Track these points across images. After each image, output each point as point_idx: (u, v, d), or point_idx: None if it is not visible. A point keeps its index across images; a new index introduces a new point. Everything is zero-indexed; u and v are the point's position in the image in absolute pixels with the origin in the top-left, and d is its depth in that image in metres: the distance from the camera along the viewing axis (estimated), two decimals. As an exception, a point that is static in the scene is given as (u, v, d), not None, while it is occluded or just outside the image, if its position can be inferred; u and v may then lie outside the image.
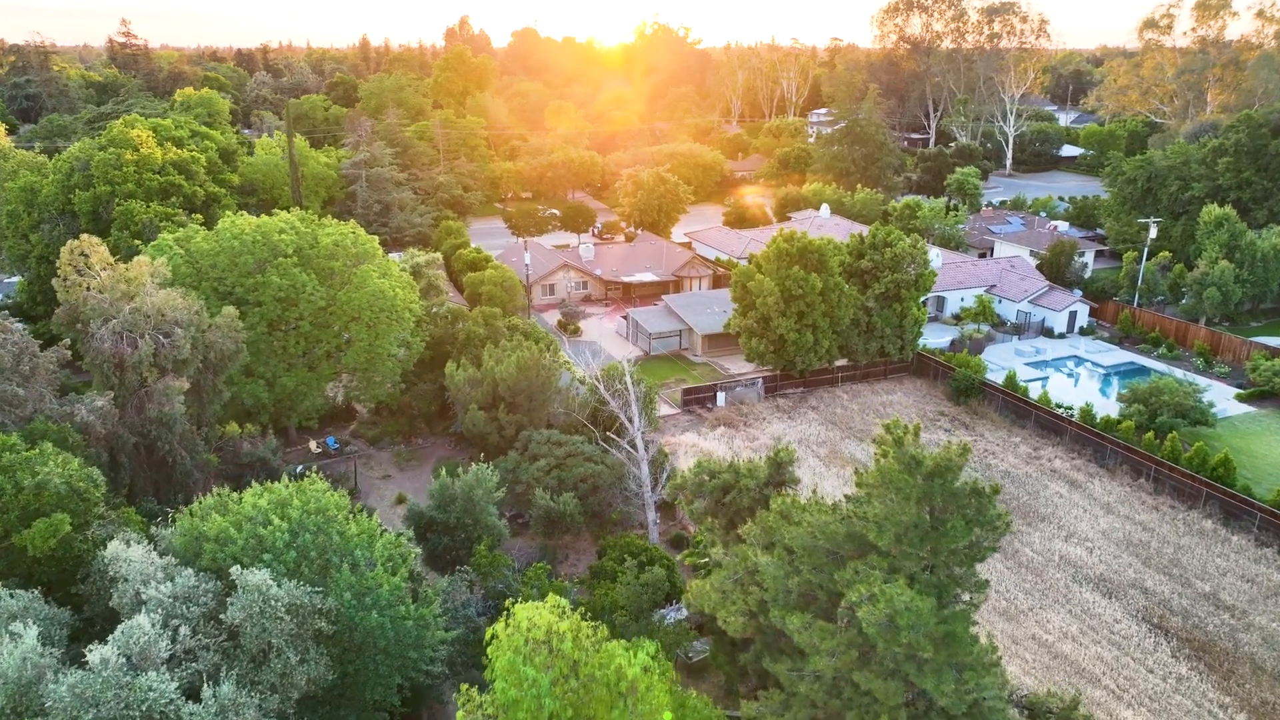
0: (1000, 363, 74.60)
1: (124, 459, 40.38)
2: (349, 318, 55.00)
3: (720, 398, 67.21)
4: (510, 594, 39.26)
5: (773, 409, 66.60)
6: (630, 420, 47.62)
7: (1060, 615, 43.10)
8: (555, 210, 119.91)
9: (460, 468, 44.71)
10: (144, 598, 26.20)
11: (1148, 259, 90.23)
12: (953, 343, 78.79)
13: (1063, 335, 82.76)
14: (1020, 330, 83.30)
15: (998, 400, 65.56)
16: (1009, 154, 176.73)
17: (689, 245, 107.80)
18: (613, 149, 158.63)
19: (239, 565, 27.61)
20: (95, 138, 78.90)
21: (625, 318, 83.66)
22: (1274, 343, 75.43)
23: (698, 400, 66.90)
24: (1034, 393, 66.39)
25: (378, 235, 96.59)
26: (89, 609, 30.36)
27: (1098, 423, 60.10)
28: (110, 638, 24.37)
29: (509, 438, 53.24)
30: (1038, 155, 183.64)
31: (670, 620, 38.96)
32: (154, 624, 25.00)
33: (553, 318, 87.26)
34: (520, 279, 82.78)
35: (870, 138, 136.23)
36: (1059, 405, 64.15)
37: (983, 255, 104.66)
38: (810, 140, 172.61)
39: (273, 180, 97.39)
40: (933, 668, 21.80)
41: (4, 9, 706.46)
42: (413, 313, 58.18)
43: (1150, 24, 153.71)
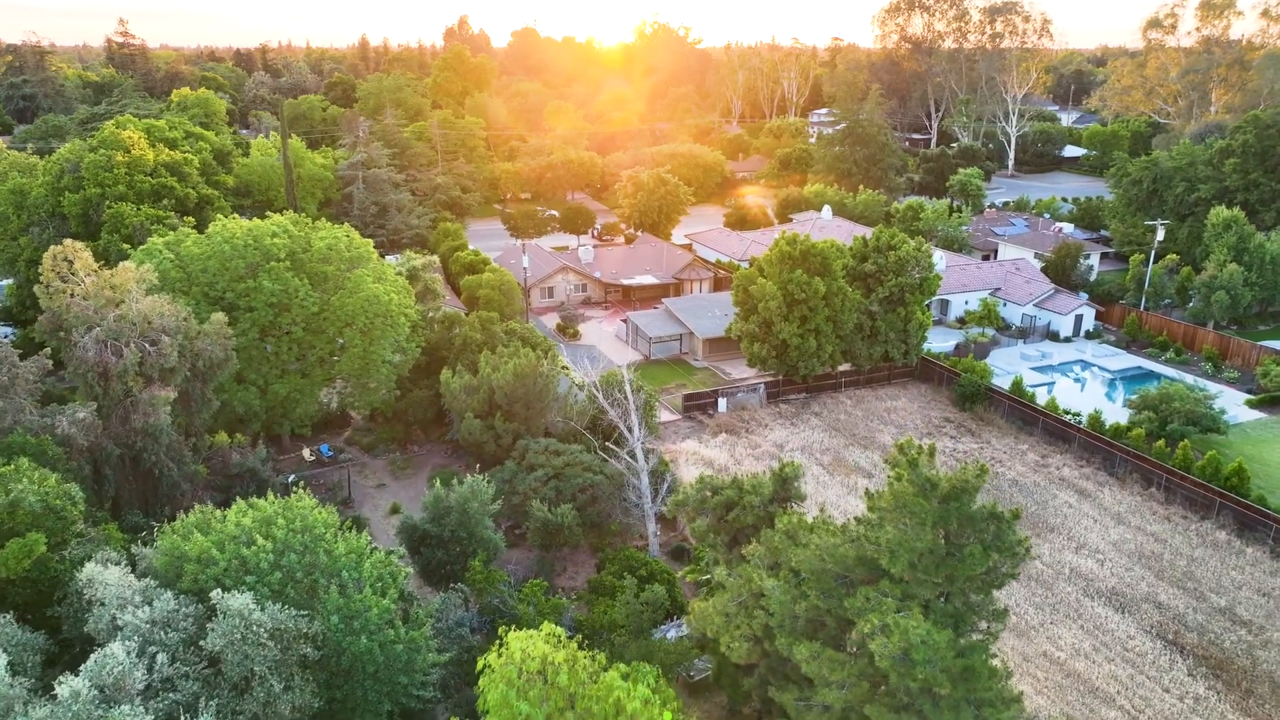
0: (1006, 367, 73.38)
1: (108, 471, 39.17)
2: (343, 323, 53.77)
3: (722, 403, 66.03)
4: (506, 611, 38.13)
5: (775, 415, 65.41)
6: (630, 430, 46.43)
7: (1072, 631, 41.89)
8: (554, 211, 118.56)
9: (456, 478, 43.54)
10: (120, 623, 25.03)
11: (1154, 261, 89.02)
12: (957, 347, 77.59)
13: (1069, 339, 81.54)
14: (1025, 334, 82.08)
15: (1004, 406, 64.36)
16: (1011, 154, 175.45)
17: (689, 247, 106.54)
18: (612, 149, 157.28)
19: (221, 588, 26.43)
20: (87, 139, 77.68)
21: (625, 321, 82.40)
22: (1284, 347, 74.25)
23: (699, 406, 65.73)
24: (1040, 398, 65.22)
25: (375, 237, 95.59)
26: (67, 631, 29.19)
27: (1107, 430, 58.92)
28: (82, 668, 23.17)
29: (506, 446, 52.06)
30: (1040, 156, 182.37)
31: (671, 637, 37.77)
32: (129, 652, 23.81)
33: (551, 321, 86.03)
34: (519, 282, 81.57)
35: (872, 138, 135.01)
36: (1066, 411, 62.95)
37: (986, 257, 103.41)
38: (811, 141, 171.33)
39: (268, 182, 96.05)
40: (949, 704, 20.61)
41: (4, 8, 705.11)
42: (408, 318, 56.96)
43: (1154, 23, 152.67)
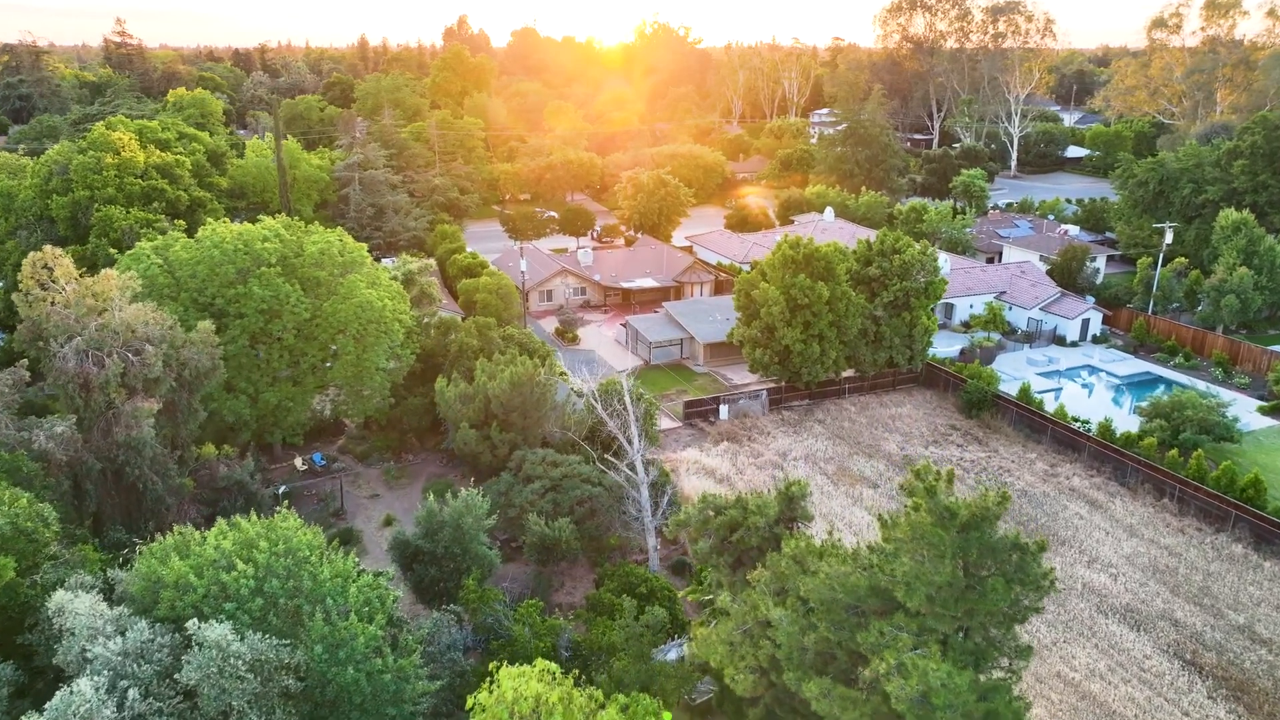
0: (1012, 372, 72.00)
1: (89, 487, 37.82)
2: (335, 330, 52.50)
3: (723, 410, 64.69)
4: (501, 630, 36.81)
5: (778, 422, 64.08)
6: (630, 442, 45.08)
7: (1086, 650, 40.55)
8: (553, 213, 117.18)
9: (450, 490, 42.17)
10: (90, 656, 23.70)
11: (1162, 264, 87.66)
12: (962, 351, 76.24)
13: (1075, 343, 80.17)
14: (1032, 338, 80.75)
15: (1011, 413, 62.98)
16: (1014, 155, 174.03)
17: (690, 249, 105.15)
18: (612, 150, 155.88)
19: (199, 615, 25.11)
20: (77, 140, 76.35)
21: (625, 325, 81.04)
22: (1296, 352, 72.89)
23: (700, 413, 64.39)
24: (1047, 404, 63.83)
25: (371, 239, 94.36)
26: (40, 659, 27.85)
27: (1117, 439, 57.56)
28: (46, 706, 21.83)
29: (502, 457, 50.72)
30: (1043, 156, 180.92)
31: (672, 658, 36.45)
32: (99, 688, 22.48)
33: (550, 325, 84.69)
34: (516, 285, 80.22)
35: (874, 139, 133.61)
36: (1075, 419, 61.60)
37: (990, 260, 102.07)
38: (812, 141, 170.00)
39: (263, 183, 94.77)
40: (971, 749, 19.29)
41: (3, 8, 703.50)
42: (403, 324, 55.66)
43: (1159, 23, 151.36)
